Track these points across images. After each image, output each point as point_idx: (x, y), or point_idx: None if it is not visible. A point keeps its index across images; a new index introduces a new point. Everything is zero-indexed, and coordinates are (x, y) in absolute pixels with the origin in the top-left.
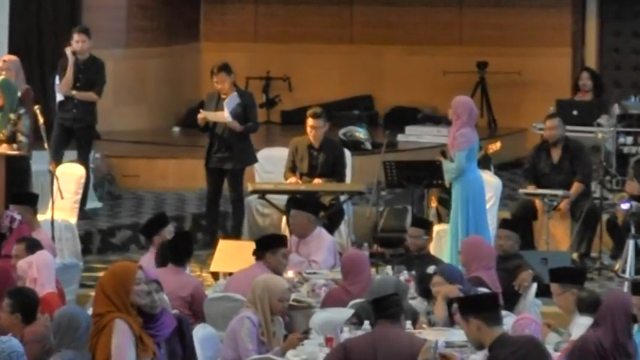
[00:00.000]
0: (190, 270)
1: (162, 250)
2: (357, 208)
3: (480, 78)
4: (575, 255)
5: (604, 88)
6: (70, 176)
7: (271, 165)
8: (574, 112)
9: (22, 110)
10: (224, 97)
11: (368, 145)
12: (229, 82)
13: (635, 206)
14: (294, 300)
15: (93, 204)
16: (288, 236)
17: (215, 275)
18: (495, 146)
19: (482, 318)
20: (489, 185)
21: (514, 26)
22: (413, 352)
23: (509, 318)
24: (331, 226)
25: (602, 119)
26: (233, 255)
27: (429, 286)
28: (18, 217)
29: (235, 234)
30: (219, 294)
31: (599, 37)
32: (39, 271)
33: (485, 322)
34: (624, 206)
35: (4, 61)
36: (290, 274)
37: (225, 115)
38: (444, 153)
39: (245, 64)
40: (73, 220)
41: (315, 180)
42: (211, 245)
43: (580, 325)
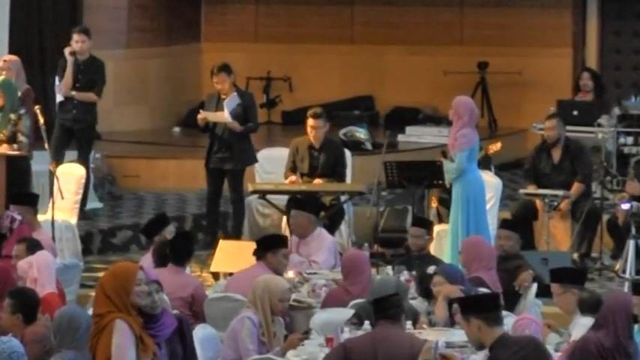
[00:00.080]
0: (191, 270)
1: (160, 250)
2: (358, 208)
3: (481, 78)
4: (576, 255)
5: (604, 88)
6: (71, 176)
7: (272, 165)
8: (574, 113)
9: (22, 110)
10: (224, 97)
11: (368, 146)
12: (229, 82)
13: (636, 206)
14: (294, 300)
15: (93, 204)
16: (288, 236)
17: (215, 275)
18: (496, 146)
19: (482, 318)
20: (490, 185)
21: (515, 26)
22: (413, 353)
23: (509, 318)
24: (332, 227)
25: (603, 119)
26: (233, 255)
27: (429, 287)
28: (18, 217)
29: (236, 234)
30: (219, 294)
31: (599, 37)
32: (39, 272)
33: (486, 322)
34: (625, 206)
35: (4, 61)
36: (290, 274)
37: (225, 116)
38: (444, 153)
39: (245, 64)
40: (73, 221)
41: (316, 180)
42: (212, 245)
43: (581, 326)
